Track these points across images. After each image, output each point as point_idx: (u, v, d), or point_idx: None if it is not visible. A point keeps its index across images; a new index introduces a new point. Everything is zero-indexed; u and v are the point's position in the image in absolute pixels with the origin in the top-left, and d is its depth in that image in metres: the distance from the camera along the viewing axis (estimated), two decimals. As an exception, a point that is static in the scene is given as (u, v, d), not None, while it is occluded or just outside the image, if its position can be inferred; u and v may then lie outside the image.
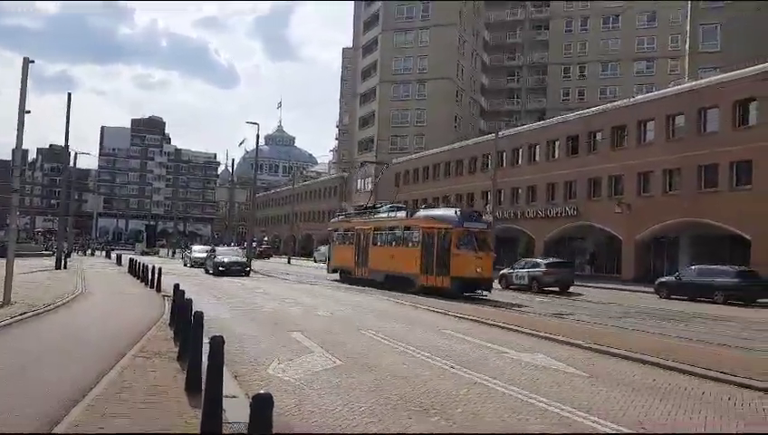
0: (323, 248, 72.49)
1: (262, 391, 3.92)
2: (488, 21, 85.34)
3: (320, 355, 10.30)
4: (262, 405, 3.78)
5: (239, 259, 37.73)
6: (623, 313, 20.65)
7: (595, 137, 42.55)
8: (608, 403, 7.63)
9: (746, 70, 32.54)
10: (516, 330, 14.28)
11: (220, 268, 35.21)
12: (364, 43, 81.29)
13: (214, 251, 39.59)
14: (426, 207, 30.06)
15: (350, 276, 31.44)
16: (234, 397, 6.79)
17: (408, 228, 27.23)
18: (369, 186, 72.78)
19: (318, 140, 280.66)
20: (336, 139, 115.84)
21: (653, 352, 11.16)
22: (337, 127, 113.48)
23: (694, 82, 38.17)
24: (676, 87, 39.97)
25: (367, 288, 27.19)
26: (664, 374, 9.63)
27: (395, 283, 26.54)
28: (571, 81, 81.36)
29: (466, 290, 24.14)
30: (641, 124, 39.05)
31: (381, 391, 7.88)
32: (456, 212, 25.61)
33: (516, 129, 53.93)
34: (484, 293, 24.60)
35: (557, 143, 45.84)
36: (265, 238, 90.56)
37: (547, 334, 13.34)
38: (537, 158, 47.82)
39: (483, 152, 52.47)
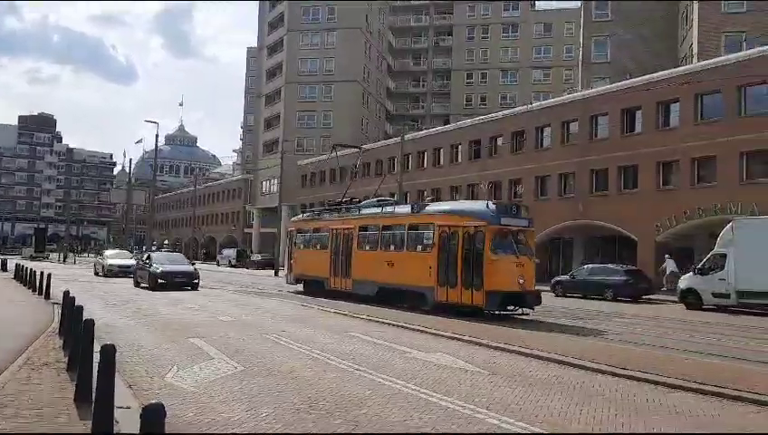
0: (227, 251, 71.08)
1: (153, 401, 3.71)
2: (393, 26, 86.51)
3: (221, 361, 10.00)
4: (152, 416, 3.57)
5: (184, 268, 28.13)
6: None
7: (496, 141, 43.96)
8: (507, 399, 7.84)
9: (632, 80, 34.68)
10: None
11: (159, 281, 26.33)
12: (269, 43, 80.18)
13: (149, 259, 29.26)
14: (431, 200, 22.96)
15: (322, 288, 24.94)
16: (127, 408, 6.44)
17: (414, 227, 20.68)
18: (276, 186, 71.96)
19: (222, 141, 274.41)
20: (240, 139, 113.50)
21: (552, 349, 11.61)
22: (241, 128, 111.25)
23: (586, 91, 40.29)
24: (570, 95, 42.03)
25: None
26: (560, 369, 10.04)
27: (394, 298, 20.69)
28: (473, 86, 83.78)
29: (506, 307, 17.99)
30: (539, 130, 40.72)
31: (285, 396, 7.73)
32: (487, 205, 18.83)
33: (421, 132, 54.90)
34: (526, 311, 18.19)
35: (460, 147, 47.03)
36: (166, 242, 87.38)
37: (455, 334, 13.56)
38: (441, 161, 48.87)
39: (389, 155, 53.05)
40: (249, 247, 74.29)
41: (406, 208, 22.36)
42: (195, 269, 28.05)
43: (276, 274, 45.59)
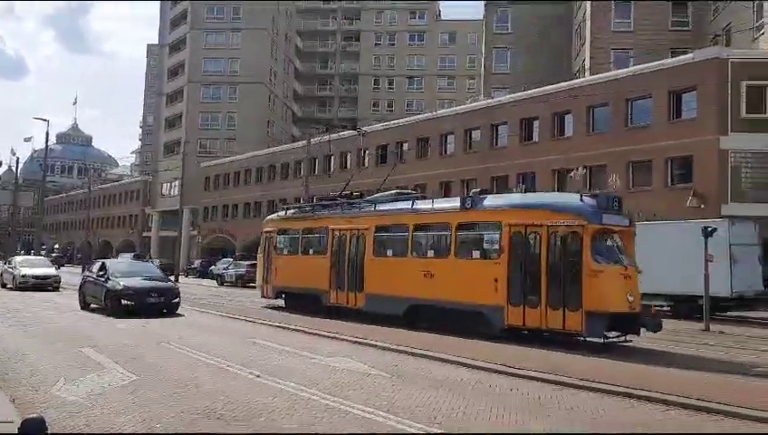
0: (124, 256, 67.64)
1: (34, 414, 3.51)
2: (301, 29, 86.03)
3: (114, 371, 9.56)
4: (32, 430, 3.37)
5: (159, 283, 20.42)
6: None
7: (402, 147, 44.61)
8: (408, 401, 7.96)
9: (530, 91, 36.23)
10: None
11: (124, 302, 18.65)
12: (171, 41, 77.59)
13: (103, 269, 20.43)
14: (480, 191, 16.99)
15: (317, 303, 19.82)
16: (9, 422, 6.04)
17: (468, 227, 16.02)
18: (177, 189, 69.59)
19: (120, 141, 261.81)
20: (140, 140, 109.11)
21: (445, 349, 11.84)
22: (141, 127, 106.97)
23: (487, 101, 41.68)
24: (472, 104, 43.35)
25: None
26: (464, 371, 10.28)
27: (430, 318, 16.22)
28: (380, 92, 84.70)
29: (610, 333, 13.41)
30: (443, 137, 41.71)
31: (182, 405, 7.50)
32: (582, 198, 14.23)
33: (329, 136, 54.83)
34: (628, 338, 13.48)
35: (367, 152, 47.37)
36: (56, 246, 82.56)
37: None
38: (348, 165, 49.03)
39: (296, 158, 52.65)
40: (148, 252, 71.47)
41: (451, 203, 17.42)
42: (174, 284, 21.22)
43: (177, 280, 44.01)
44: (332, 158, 50.34)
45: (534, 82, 38.88)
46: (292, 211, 23.18)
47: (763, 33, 29.52)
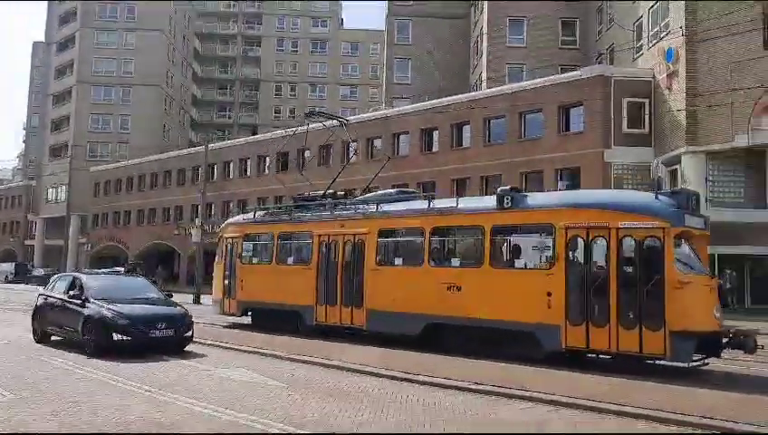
0: (5, 266, 62.66)
1: None
2: (200, 31, 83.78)
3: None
4: None
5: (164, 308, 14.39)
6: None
7: (303, 154, 44.34)
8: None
9: (430, 102, 37.06)
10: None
11: (117, 336, 12.92)
12: (59, 39, 73.35)
13: (77, 287, 14.41)
14: (511, 189, 13.85)
15: (298, 322, 16.96)
16: None
17: (507, 230, 13.59)
18: (64, 194, 65.70)
19: (0, 143, 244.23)
20: (23, 142, 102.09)
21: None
22: (24, 129, 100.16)
23: (389, 110, 42.23)
24: (374, 113, 43.78)
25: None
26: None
27: (462, 340, 13.67)
28: (282, 98, 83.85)
29: (697, 355, 11.47)
30: (345, 145, 41.80)
31: (61, 422, 6.98)
32: (656, 194, 12.03)
33: (228, 142, 53.74)
34: (705, 361, 11.71)
35: (268, 159, 46.75)
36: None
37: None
38: (248, 172, 48.19)
39: (193, 164, 51.12)
40: (31, 261, 66.90)
41: (483, 201, 14.93)
42: (185, 309, 14.49)
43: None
44: (232, 164, 49.27)
45: (434, 93, 39.84)
46: (262, 213, 19.74)
47: (641, 54, 31.67)
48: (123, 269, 44.44)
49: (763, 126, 24.04)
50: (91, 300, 13.47)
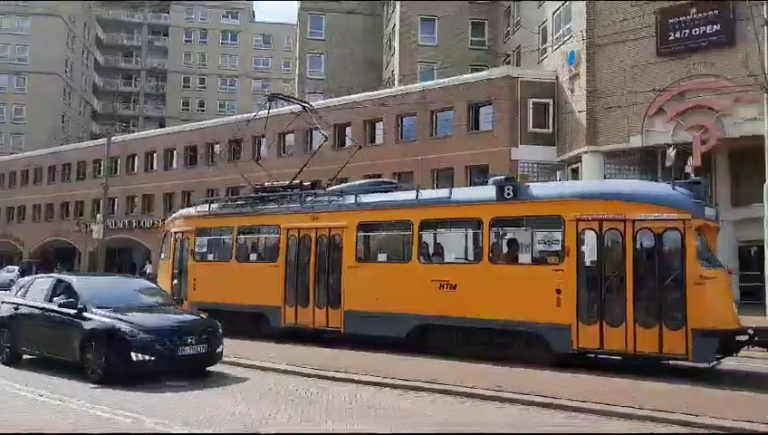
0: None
1: None
2: (102, 18, 79.85)
3: None
4: None
5: (186, 317, 11.55)
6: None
7: (213, 148, 43.25)
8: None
9: (343, 98, 36.99)
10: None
11: (140, 356, 9.73)
12: (-57, 20, 67.94)
13: (66, 290, 11.27)
14: (507, 179, 13.08)
15: (263, 324, 15.43)
16: None
17: (508, 222, 12.64)
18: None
19: None
20: None
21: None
22: None
23: (290, 108, 41.71)
24: (287, 108, 43.16)
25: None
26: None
27: (456, 341, 12.76)
28: (191, 91, 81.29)
29: (719, 354, 10.91)
30: (256, 139, 41.05)
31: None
32: (673, 184, 11.34)
33: (133, 134, 51.62)
34: (720, 361, 11.31)
35: (175, 152, 45.25)
36: None
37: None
38: (155, 166, 46.48)
39: (94, 157, 48.72)
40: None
41: (480, 192, 13.39)
42: (213, 320, 11.46)
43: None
44: (137, 157, 47.35)
45: (347, 89, 39.81)
46: (218, 205, 17.92)
47: (546, 57, 32.89)
48: (18, 269, 41.79)
49: (656, 128, 25.52)
50: (92, 309, 10.32)
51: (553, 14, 31.98)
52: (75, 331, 10.20)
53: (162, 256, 18.83)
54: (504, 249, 12.69)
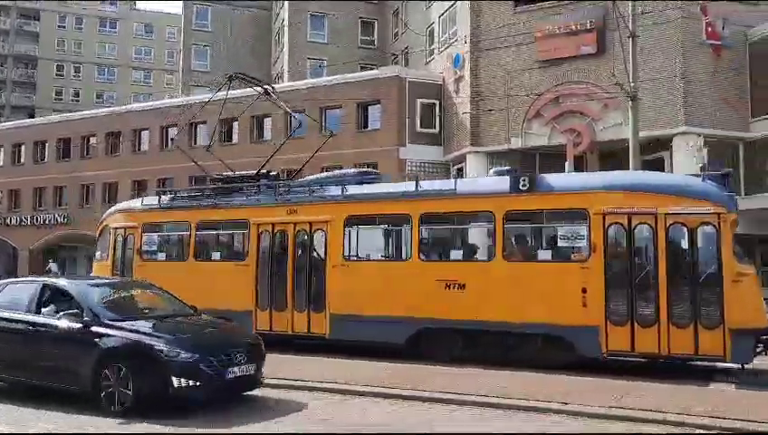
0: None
1: None
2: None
3: None
4: None
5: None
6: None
7: (89, 141, 40.92)
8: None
9: (230, 93, 35.93)
10: None
11: (190, 383, 7.85)
12: None
13: (79, 295, 8.87)
14: (510, 170, 12.92)
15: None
16: None
17: (526, 216, 11.93)
18: None
19: None
20: None
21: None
22: None
23: (186, 98, 40.37)
24: (170, 100, 41.59)
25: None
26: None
27: (461, 346, 11.86)
28: (65, 79, 76.20)
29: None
30: (137, 133, 39.23)
31: None
32: (703, 176, 10.79)
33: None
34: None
35: (47, 144, 42.30)
36: None
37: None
38: (23, 159, 43.23)
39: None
40: None
41: (491, 183, 12.22)
42: (254, 333, 11.27)
43: None
44: (2, 150, 43.80)
45: (235, 82, 38.73)
46: (168, 198, 15.98)
47: (433, 58, 33.70)
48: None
49: (534, 131, 26.85)
50: (105, 321, 8.29)
51: (439, 17, 32.83)
52: (84, 350, 8.07)
53: (98, 255, 16.90)
54: (520, 245, 11.92)
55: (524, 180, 11.35)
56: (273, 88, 18.64)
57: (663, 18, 23.74)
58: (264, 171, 15.86)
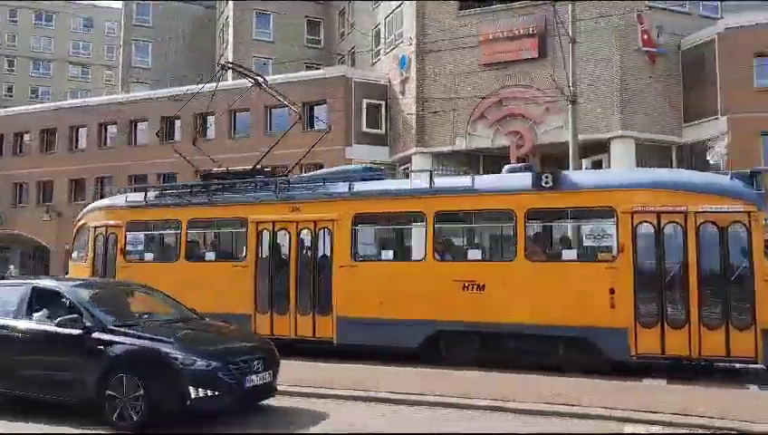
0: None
1: None
2: None
3: None
4: None
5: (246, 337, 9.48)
6: None
7: (22, 138, 39.38)
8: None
9: (171, 89, 35.27)
10: None
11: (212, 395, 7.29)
12: None
13: (81, 302, 8.02)
14: (516, 168, 12.61)
15: None
16: None
17: (549, 215, 11.80)
18: None
19: None
20: None
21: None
22: None
23: (127, 95, 39.33)
24: (109, 96, 40.41)
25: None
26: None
27: (482, 349, 11.52)
28: (-3, 73, 73.25)
29: None
30: (73, 130, 37.98)
31: None
32: (731, 175, 10.79)
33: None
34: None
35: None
36: None
37: None
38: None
39: None
40: None
41: (513, 180, 11.76)
42: (265, 338, 9.66)
43: None
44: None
45: (177, 80, 38.05)
46: (156, 194, 15.03)
47: (379, 59, 33.79)
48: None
49: (478, 132, 27.24)
50: (110, 327, 7.58)
51: (386, 18, 32.95)
52: (86, 359, 7.40)
53: (75, 255, 15.89)
54: (543, 244, 11.66)
55: (547, 177, 11.05)
56: (265, 80, 17.84)
57: (601, 25, 24.53)
58: (260, 167, 15.28)
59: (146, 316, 8.60)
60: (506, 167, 12.65)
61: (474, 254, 11.81)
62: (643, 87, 25.10)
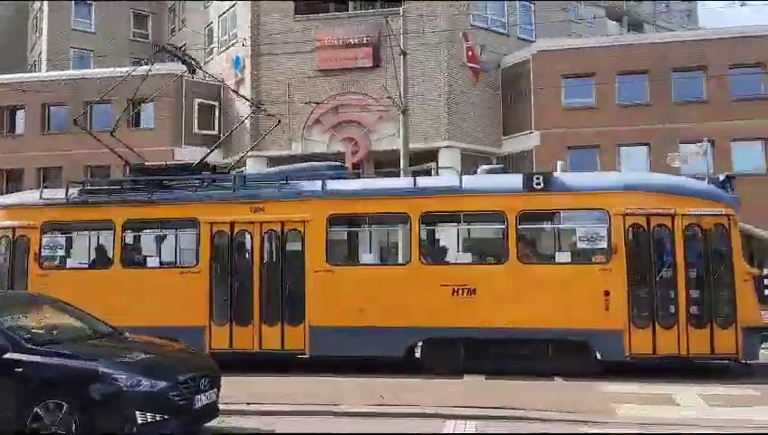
0: None
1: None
2: None
3: None
4: None
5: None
6: None
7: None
8: None
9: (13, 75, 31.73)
10: None
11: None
12: None
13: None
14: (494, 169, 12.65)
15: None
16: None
17: (541, 217, 11.64)
18: None
19: None
20: None
21: None
22: None
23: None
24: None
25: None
26: None
27: (470, 355, 11.02)
28: None
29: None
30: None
31: None
32: (708, 179, 11.37)
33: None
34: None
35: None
36: None
37: None
38: None
39: None
40: None
41: (500, 181, 11.63)
42: (200, 350, 9.86)
43: None
44: None
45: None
46: (76, 190, 12.94)
47: (212, 58, 32.69)
48: None
49: (314, 137, 27.37)
50: (27, 346, 6.46)
51: (219, 17, 32.07)
52: (2, 385, 6.28)
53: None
54: (536, 247, 11.55)
55: (538, 179, 10.98)
56: (200, 66, 16.18)
57: (431, 41, 25.77)
58: (207, 162, 13.79)
59: (64, 333, 7.43)
60: (484, 167, 12.57)
61: (463, 257, 11.47)
62: (467, 101, 26.77)
